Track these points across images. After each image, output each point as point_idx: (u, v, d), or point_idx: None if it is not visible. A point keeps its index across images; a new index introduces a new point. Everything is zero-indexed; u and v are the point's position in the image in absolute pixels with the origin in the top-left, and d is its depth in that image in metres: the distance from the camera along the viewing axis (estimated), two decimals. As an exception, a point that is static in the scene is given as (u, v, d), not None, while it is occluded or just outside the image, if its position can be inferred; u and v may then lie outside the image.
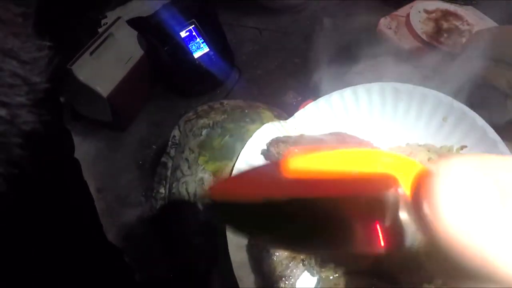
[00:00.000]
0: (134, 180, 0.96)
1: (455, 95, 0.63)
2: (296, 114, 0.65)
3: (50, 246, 0.61)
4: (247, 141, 0.61)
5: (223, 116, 0.66)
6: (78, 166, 0.86)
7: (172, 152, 0.68)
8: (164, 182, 0.66)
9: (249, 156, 0.59)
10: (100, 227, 0.80)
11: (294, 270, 0.51)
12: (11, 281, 0.53)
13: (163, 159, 0.68)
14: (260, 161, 0.60)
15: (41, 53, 0.32)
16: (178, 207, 0.62)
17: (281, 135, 0.60)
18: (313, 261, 0.51)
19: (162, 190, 0.65)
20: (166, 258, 0.76)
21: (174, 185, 0.63)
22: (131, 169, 0.97)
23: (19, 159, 0.32)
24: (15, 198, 0.38)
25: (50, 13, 0.50)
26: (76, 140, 0.95)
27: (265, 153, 0.60)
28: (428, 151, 0.58)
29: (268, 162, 0.58)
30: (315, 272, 0.51)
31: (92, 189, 0.87)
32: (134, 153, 0.99)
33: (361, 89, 0.64)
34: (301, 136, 0.60)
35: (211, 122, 0.65)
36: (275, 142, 0.58)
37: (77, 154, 0.87)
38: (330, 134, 0.61)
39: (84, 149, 0.98)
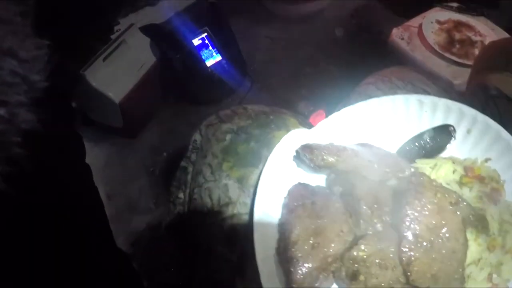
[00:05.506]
0: (144, 187, 0.95)
1: (471, 107, 0.63)
2: (320, 123, 0.65)
3: (57, 249, 0.60)
4: (273, 147, 0.60)
5: (247, 122, 0.65)
6: (89, 171, 0.85)
7: (193, 156, 0.66)
8: (183, 187, 0.65)
9: (277, 162, 0.59)
10: (109, 233, 0.79)
11: (324, 282, 0.50)
12: (14, 283, 0.53)
13: (182, 163, 0.67)
14: (289, 166, 0.60)
15: (40, 52, 0.32)
16: (200, 214, 0.61)
17: (310, 142, 0.59)
18: (343, 273, 0.50)
19: (181, 195, 0.64)
20: (175, 265, 0.75)
21: (195, 191, 0.61)
22: (142, 176, 0.97)
23: (18, 158, 0.32)
24: (15, 196, 0.38)
25: (51, 12, 0.50)
26: (87, 145, 0.95)
27: (297, 159, 0.59)
28: (453, 163, 0.58)
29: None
30: (344, 284, 0.51)
31: (102, 195, 0.87)
32: (145, 160, 0.99)
33: (386, 100, 0.64)
34: (331, 144, 0.60)
35: (235, 127, 0.64)
36: (308, 148, 0.57)
37: (88, 160, 0.87)
38: (357, 144, 0.61)
39: (95, 154, 0.98)
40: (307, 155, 0.57)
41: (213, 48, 1.02)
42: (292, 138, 0.61)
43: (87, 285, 0.64)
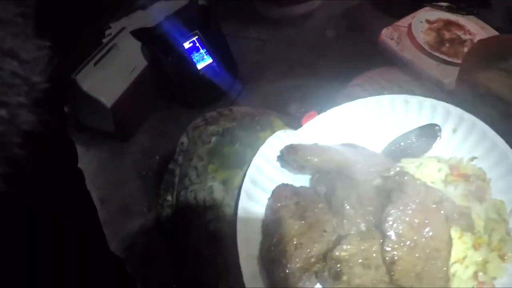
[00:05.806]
0: (136, 190, 0.95)
1: (460, 106, 0.63)
2: (306, 124, 0.65)
3: (52, 253, 0.60)
4: (257, 149, 0.60)
5: (233, 123, 0.65)
6: (81, 176, 0.85)
7: (180, 159, 0.67)
8: (171, 189, 0.65)
9: (261, 163, 0.59)
10: (102, 237, 0.79)
11: (307, 283, 0.50)
12: (14, 283, 0.53)
13: (170, 166, 0.67)
14: (273, 167, 0.60)
15: (41, 53, 0.32)
16: (186, 216, 0.61)
17: (294, 143, 0.60)
18: (326, 273, 0.50)
19: (169, 198, 0.64)
20: (169, 268, 0.75)
21: (182, 193, 0.62)
22: (134, 180, 0.97)
23: (19, 159, 0.32)
24: (15, 197, 0.38)
25: (51, 13, 0.50)
26: (80, 150, 0.95)
27: (281, 160, 0.59)
28: (438, 162, 0.58)
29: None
30: (328, 285, 0.51)
31: (95, 199, 0.87)
32: (137, 164, 0.99)
33: (371, 101, 0.64)
34: (315, 145, 0.60)
35: (220, 129, 0.64)
36: (292, 149, 0.58)
37: (81, 164, 0.87)
38: (342, 145, 0.61)
39: (88, 159, 0.98)
40: (291, 156, 0.57)
41: (204, 51, 1.02)
42: (277, 139, 0.61)
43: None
